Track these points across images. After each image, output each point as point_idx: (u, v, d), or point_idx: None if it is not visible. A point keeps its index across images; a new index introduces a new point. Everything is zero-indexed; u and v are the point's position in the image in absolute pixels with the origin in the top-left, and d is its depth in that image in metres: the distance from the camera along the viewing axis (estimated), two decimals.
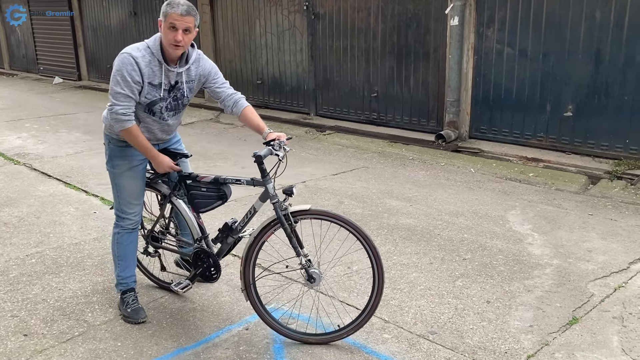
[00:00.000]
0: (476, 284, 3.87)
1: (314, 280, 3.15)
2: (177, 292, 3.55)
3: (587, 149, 6.51)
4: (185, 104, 3.38)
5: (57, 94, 13.34)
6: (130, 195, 3.40)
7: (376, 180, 6.25)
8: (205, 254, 3.41)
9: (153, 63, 3.11)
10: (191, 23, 3.05)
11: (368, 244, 3.09)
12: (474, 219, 5.05)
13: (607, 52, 6.18)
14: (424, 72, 7.82)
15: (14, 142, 8.30)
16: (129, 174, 3.37)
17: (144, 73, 3.08)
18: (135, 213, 3.43)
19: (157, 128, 3.34)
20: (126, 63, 3.05)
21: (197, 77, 3.33)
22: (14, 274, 4.10)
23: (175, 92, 3.26)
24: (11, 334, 3.35)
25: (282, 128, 9.06)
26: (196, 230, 3.46)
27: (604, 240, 4.56)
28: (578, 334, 3.28)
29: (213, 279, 3.46)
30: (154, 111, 3.24)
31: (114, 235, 3.51)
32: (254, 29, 10.08)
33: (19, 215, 5.29)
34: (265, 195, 3.15)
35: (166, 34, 3.06)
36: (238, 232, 3.33)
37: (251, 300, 3.22)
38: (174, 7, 3.01)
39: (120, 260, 3.52)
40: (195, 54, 3.27)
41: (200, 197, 3.36)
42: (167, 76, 3.18)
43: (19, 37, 17.36)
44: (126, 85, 3.06)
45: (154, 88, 3.16)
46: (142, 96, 3.15)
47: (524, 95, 6.89)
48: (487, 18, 7.02)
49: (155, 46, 3.12)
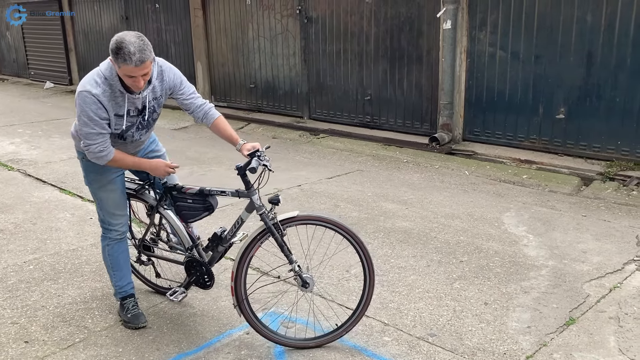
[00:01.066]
0: (473, 286, 3.91)
1: (308, 285, 3.17)
2: (173, 301, 3.56)
3: (580, 151, 6.58)
4: (156, 118, 3.33)
5: (49, 99, 13.29)
6: (114, 207, 3.39)
7: (371, 184, 6.28)
8: (197, 263, 3.43)
9: (115, 94, 2.99)
10: (148, 67, 2.90)
11: (356, 242, 3.16)
12: (469, 221, 5.09)
13: (598, 54, 6.25)
14: (417, 75, 7.87)
15: (7, 148, 8.27)
16: (108, 187, 3.35)
17: (107, 108, 2.97)
18: (121, 224, 3.43)
19: (130, 147, 3.34)
20: (89, 103, 2.93)
21: (164, 92, 3.22)
22: (13, 281, 4.09)
23: (144, 113, 3.17)
24: (12, 341, 3.35)
25: (276, 132, 9.08)
26: (186, 239, 3.48)
27: (598, 241, 4.62)
28: (575, 334, 3.32)
29: (207, 286, 3.47)
30: (125, 137, 3.20)
31: (104, 248, 3.50)
32: (247, 33, 10.10)
33: (14, 221, 5.27)
34: (252, 207, 3.16)
35: (125, 79, 2.92)
36: (227, 240, 3.35)
37: (245, 315, 3.21)
38: (126, 61, 2.79)
39: (114, 270, 3.51)
40: (156, 69, 3.11)
41: (187, 208, 3.37)
42: (132, 103, 3.07)
43: (9, 41, 17.27)
44: (95, 124, 2.97)
45: (120, 118, 3.06)
46: (111, 129, 3.07)
47: (517, 97, 6.95)
48: (479, 21, 7.09)
49: (112, 77, 2.96)
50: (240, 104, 10.62)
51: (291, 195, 5.87)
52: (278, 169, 6.82)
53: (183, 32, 11.17)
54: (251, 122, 9.81)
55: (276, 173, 6.60)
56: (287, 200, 5.73)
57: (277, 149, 8.00)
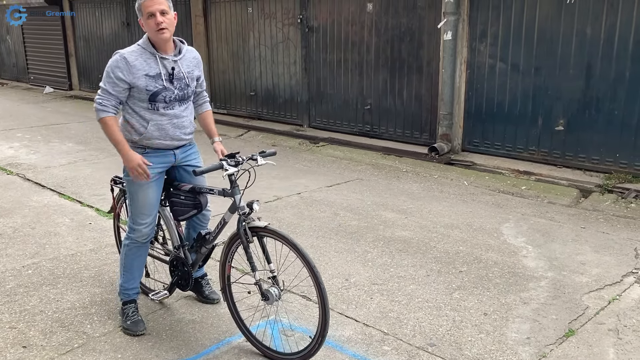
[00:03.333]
0: (473, 296, 3.91)
1: (268, 299, 3.10)
2: (153, 301, 3.68)
3: (578, 163, 6.61)
4: (191, 94, 3.44)
5: (48, 104, 13.29)
6: (142, 206, 3.39)
7: (370, 192, 6.29)
8: (180, 262, 3.55)
9: (145, 55, 3.23)
10: (164, 4, 3.18)
11: (311, 269, 2.98)
12: (468, 231, 5.10)
13: (597, 67, 6.29)
14: (417, 85, 7.91)
15: (6, 152, 8.26)
16: (142, 182, 3.35)
17: (134, 67, 3.17)
18: (146, 224, 3.42)
19: (167, 123, 3.32)
20: (113, 61, 3.21)
21: (196, 66, 3.45)
22: (11, 285, 4.08)
23: (179, 81, 3.32)
24: (10, 345, 3.33)
25: (276, 139, 9.10)
26: (175, 237, 3.58)
27: (597, 253, 4.63)
28: (575, 346, 3.33)
29: (184, 287, 3.58)
30: (157, 104, 3.26)
31: (124, 246, 3.53)
32: (248, 41, 10.14)
33: (13, 225, 5.26)
34: (234, 207, 3.20)
35: (148, 25, 3.18)
36: (210, 242, 3.43)
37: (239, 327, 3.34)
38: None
39: (125, 271, 3.53)
40: (187, 47, 3.45)
41: (179, 204, 3.44)
42: (163, 65, 3.26)
43: (9, 45, 17.30)
44: (109, 81, 3.19)
45: (152, 79, 3.22)
46: (143, 90, 3.21)
47: (516, 109, 6.98)
48: (479, 33, 7.13)
49: (144, 42, 3.27)
50: (240, 111, 10.64)
51: (291, 203, 5.88)
52: (277, 176, 6.87)
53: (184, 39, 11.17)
54: (251, 129, 9.83)
55: (276, 181, 6.66)
56: (286, 207, 5.73)
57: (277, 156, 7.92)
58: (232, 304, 3.36)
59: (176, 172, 3.52)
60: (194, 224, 3.62)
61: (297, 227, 5.19)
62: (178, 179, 3.51)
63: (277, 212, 5.61)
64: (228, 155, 3.23)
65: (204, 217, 3.62)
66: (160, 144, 3.34)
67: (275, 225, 3.19)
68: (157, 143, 3.32)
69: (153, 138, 3.30)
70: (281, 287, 3.13)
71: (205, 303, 3.79)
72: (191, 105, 3.50)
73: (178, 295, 3.91)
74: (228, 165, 3.13)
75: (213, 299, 3.79)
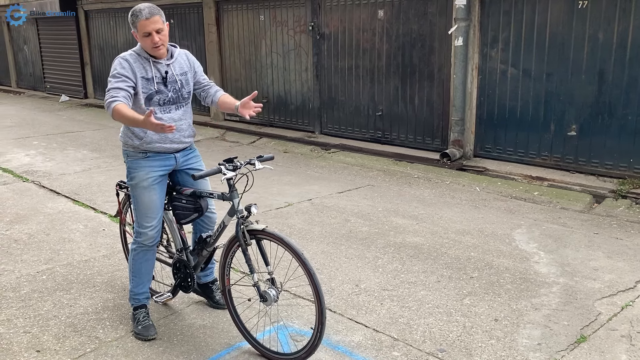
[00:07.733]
0: (484, 302, 3.89)
1: (266, 300, 3.14)
2: (157, 302, 3.75)
3: (592, 168, 6.56)
4: (186, 96, 3.48)
5: (64, 112, 13.46)
6: (146, 208, 3.44)
7: (382, 199, 6.29)
8: (183, 265, 3.60)
9: (141, 60, 3.33)
10: (159, 22, 3.25)
11: (308, 270, 3.02)
12: (480, 237, 5.08)
13: (610, 72, 6.25)
14: (428, 91, 7.91)
15: (23, 160, 8.38)
16: (144, 185, 3.41)
17: (134, 67, 3.28)
18: (152, 227, 3.46)
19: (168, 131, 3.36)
20: (116, 63, 3.31)
21: (190, 68, 3.50)
22: (26, 290, 4.14)
23: (172, 84, 3.39)
24: (24, 350, 3.38)
25: (287, 146, 9.14)
26: (178, 240, 3.64)
27: (610, 259, 4.59)
28: (586, 352, 3.30)
29: (187, 289, 3.64)
30: (152, 105, 3.32)
31: (132, 251, 3.57)
32: (260, 48, 10.21)
33: (28, 232, 5.33)
34: (233, 211, 3.24)
35: (144, 42, 3.27)
36: (211, 245, 3.47)
37: (243, 335, 3.37)
38: (138, 16, 3.22)
39: (134, 276, 3.57)
40: (178, 50, 3.50)
41: (181, 208, 3.49)
42: (157, 69, 3.35)
43: (26, 55, 17.56)
44: (116, 80, 3.24)
45: (148, 82, 3.32)
46: (140, 92, 3.29)
47: (528, 114, 6.96)
48: (491, 38, 7.12)
49: (139, 49, 3.37)
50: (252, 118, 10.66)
51: (302, 209, 5.89)
52: (289, 183, 6.90)
53: (197, 48, 11.29)
54: (263, 136, 9.88)
55: (287, 187, 6.69)
56: (297, 214, 5.75)
57: (289, 163, 8.05)
58: (231, 306, 3.42)
59: (178, 176, 3.57)
60: (200, 227, 3.66)
61: (307, 233, 5.21)
62: (180, 182, 3.57)
63: (288, 218, 5.63)
64: (226, 159, 3.26)
65: (210, 220, 3.66)
66: (160, 147, 3.40)
67: (285, 232, 3.22)
68: (157, 147, 3.39)
69: (153, 142, 3.37)
70: (279, 289, 3.17)
71: (216, 308, 3.82)
72: (189, 108, 3.55)
73: (189, 300, 3.94)
74: (226, 170, 3.16)
75: (224, 304, 3.81)
